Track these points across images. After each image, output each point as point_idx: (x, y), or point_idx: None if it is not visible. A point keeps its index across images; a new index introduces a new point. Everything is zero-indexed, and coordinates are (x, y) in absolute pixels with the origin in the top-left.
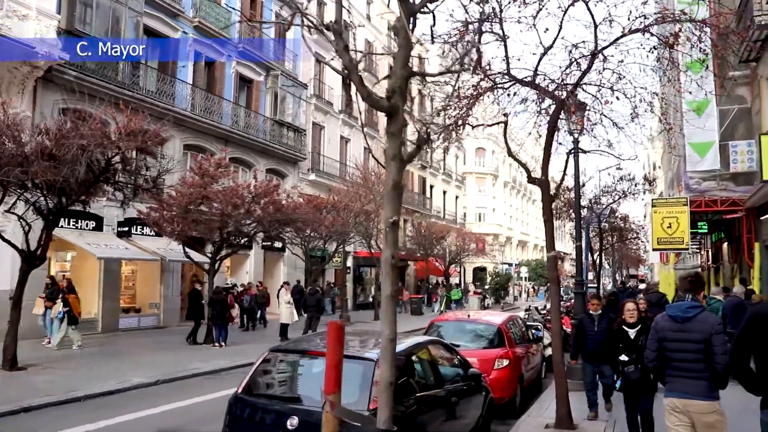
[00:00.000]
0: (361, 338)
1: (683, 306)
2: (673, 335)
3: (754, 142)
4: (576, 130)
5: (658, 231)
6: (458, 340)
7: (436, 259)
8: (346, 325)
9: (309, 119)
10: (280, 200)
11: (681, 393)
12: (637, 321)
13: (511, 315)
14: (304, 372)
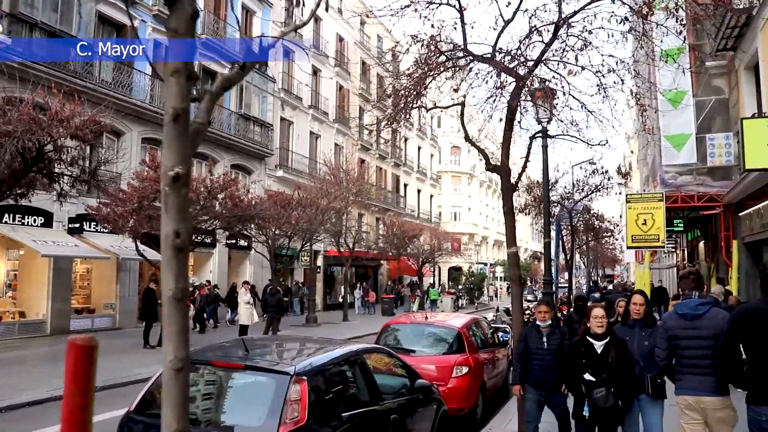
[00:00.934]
0: (286, 345)
1: (692, 303)
2: (684, 333)
3: (732, 134)
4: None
5: (632, 228)
6: (414, 344)
7: (409, 258)
8: (313, 326)
9: (277, 114)
10: (239, 195)
11: (693, 390)
12: (606, 331)
13: (474, 317)
14: (208, 387)
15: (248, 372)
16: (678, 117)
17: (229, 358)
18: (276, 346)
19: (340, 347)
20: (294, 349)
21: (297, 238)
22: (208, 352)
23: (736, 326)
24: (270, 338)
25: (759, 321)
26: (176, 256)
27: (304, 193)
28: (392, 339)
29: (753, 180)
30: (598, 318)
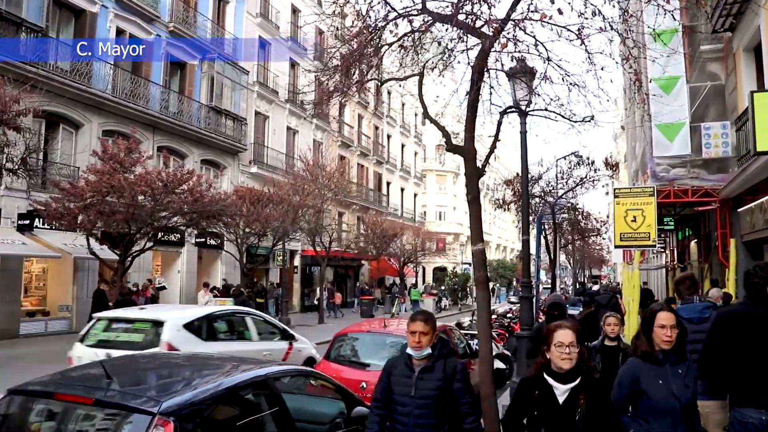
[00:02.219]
0: (168, 368)
1: (698, 307)
2: (690, 336)
3: (730, 123)
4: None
5: (620, 225)
6: (369, 357)
7: (390, 258)
8: None
9: (251, 108)
10: (201, 190)
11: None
12: (576, 368)
13: (440, 325)
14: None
15: (98, 408)
16: (670, 104)
17: (78, 389)
18: (152, 371)
19: (246, 371)
20: (175, 375)
21: (269, 237)
22: (55, 381)
23: (720, 329)
24: (153, 357)
25: (743, 323)
26: None
27: (276, 189)
28: (344, 350)
29: (755, 171)
30: (564, 347)
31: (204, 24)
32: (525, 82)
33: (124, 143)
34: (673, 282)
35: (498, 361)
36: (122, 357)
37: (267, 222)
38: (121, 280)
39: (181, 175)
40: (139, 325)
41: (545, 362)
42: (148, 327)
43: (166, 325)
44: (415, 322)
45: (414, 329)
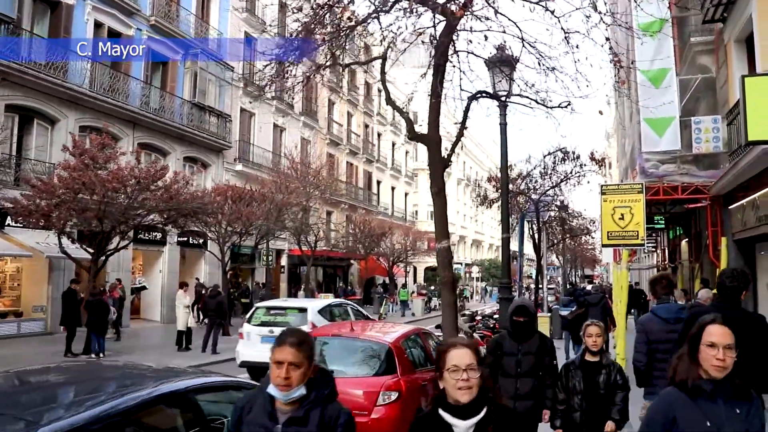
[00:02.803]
0: (49, 389)
1: (674, 308)
2: (665, 336)
3: (721, 117)
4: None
5: (608, 224)
6: (335, 363)
7: (379, 257)
8: None
9: (236, 104)
10: (178, 187)
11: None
12: (477, 398)
13: (415, 328)
14: None
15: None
16: (660, 98)
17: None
18: (43, 387)
19: (162, 384)
20: (69, 392)
21: (251, 236)
22: None
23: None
24: (38, 371)
25: None
26: None
27: (259, 186)
28: None
29: (746, 166)
30: (460, 371)
31: (187, 19)
32: (504, 72)
33: (97, 138)
34: (649, 282)
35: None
36: (20, 372)
37: (249, 220)
38: (94, 280)
39: (155, 172)
40: (290, 310)
41: (438, 394)
42: (297, 312)
43: (309, 310)
44: (282, 346)
45: (280, 358)
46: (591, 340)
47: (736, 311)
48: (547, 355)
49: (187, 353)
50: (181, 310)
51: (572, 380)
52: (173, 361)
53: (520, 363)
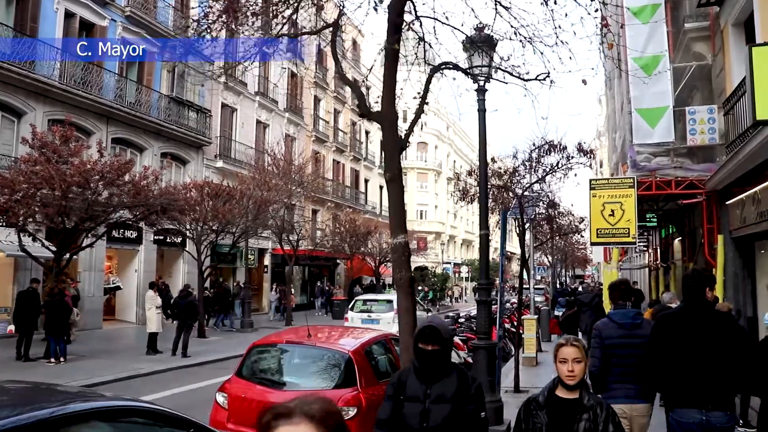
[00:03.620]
0: None
1: (630, 313)
2: (620, 341)
3: (717, 107)
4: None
5: (597, 220)
6: (287, 374)
7: (364, 257)
8: (248, 332)
9: (217, 99)
10: (148, 182)
11: (626, 399)
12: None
13: (382, 334)
14: None
15: None
16: (652, 87)
17: None
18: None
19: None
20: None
21: (228, 234)
22: None
23: (659, 332)
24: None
25: (680, 326)
26: None
27: (237, 183)
28: (259, 364)
29: (746, 157)
30: (568, 371)
31: (165, 10)
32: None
33: (61, 130)
34: (607, 288)
35: None
36: None
37: (225, 218)
38: (57, 280)
39: (119, 166)
40: (380, 302)
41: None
42: (385, 303)
43: (394, 301)
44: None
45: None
46: (565, 368)
47: (701, 310)
48: (471, 402)
49: (156, 357)
50: (152, 311)
51: (533, 428)
52: (138, 365)
53: (428, 414)
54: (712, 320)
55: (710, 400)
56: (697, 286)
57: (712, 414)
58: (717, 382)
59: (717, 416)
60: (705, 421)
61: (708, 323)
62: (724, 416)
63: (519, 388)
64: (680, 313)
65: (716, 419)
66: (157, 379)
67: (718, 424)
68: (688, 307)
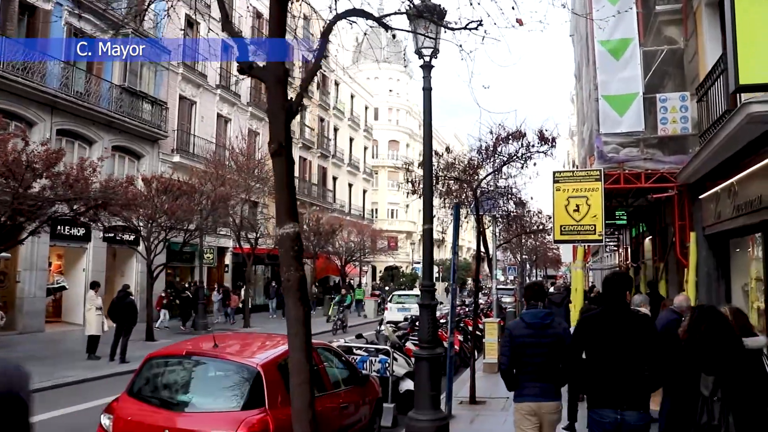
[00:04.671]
0: None
1: (540, 314)
2: (530, 341)
3: (689, 95)
4: None
5: (561, 216)
6: (184, 392)
7: (329, 256)
8: (201, 334)
9: (174, 92)
10: (86, 175)
11: (535, 397)
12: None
13: (317, 342)
14: None
15: None
16: (620, 72)
17: None
18: None
19: None
20: None
21: (180, 232)
22: None
23: (580, 334)
24: None
25: (600, 327)
26: None
27: (188, 177)
28: (154, 381)
29: (726, 140)
30: None
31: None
32: (433, 21)
33: None
34: (523, 288)
35: (410, 381)
36: None
37: (174, 214)
38: None
39: (47, 156)
40: (411, 296)
41: None
42: (414, 296)
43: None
44: None
45: None
46: None
47: (621, 311)
48: None
49: (93, 363)
50: (92, 312)
51: None
52: (68, 372)
53: None
54: (630, 323)
55: (625, 401)
56: (618, 288)
57: (626, 413)
58: (632, 383)
59: (630, 415)
60: (620, 420)
61: (626, 325)
62: (637, 415)
63: (475, 399)
64: (600, 315)
65: (630, 418)
66: (87, 388)
67: (632, 423)
68: (608, 309)
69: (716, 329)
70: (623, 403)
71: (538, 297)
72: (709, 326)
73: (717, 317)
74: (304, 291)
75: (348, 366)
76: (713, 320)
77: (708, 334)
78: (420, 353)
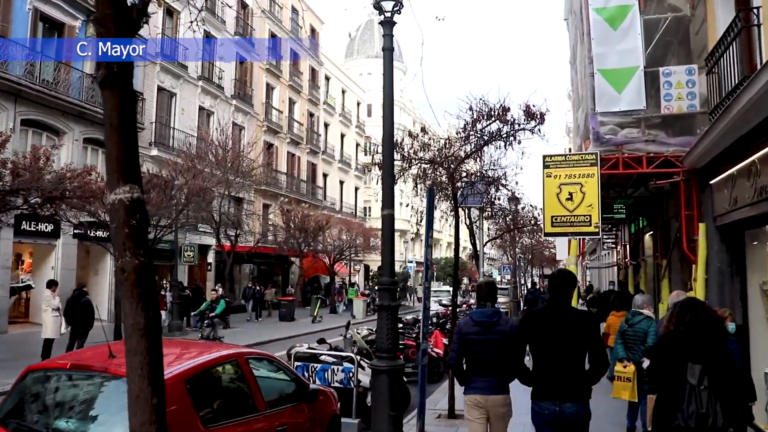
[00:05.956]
0: None
1: (487, 312)
2: (477, 338)
3: (697, 67)
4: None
5: (552, 206)
6: (62, 416)
7: (316, 254)
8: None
9: (152, 82)
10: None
11: (482, 390)
12: None
13: (228, 354)
14: None
15: None
16: (618, 43)
17: None
18: None
19: None
20: None
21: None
22: None
23: (523, 329)
24: None
25: (542, 323)
26: None
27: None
28: (30, 402)
29: (738, 116)
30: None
31: None
32: None
33: None
34: (475, 287)
35: None
36: None
37: None
38: None
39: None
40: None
41: None
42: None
43: None
44: None
45: None
46: None
47: (563, 308)
48: None
49: None
50: (48, 314)
51: None
52: (10, 380)
53: None
54: (572, 319)
55: (563, 393)
56: (563, 285)
57: (564, 405)
58: (571, 377)
59: (568, 407)
60: (558, 411)
61: (568, 321)
62: (574, 407)
63: (455, 412)
64: (543, 311)
65: (567, 409)
66: None
67: (569, 413)
68: (552, 305)
69: (701, 318)
70: (562, 395)
71: (488, 297)
72: (694, 316)
73: (701, 307)
74: (148, 287)
75: (293, 379)
76: (697, 310)
77: (694, 323)
78: (377, 365)
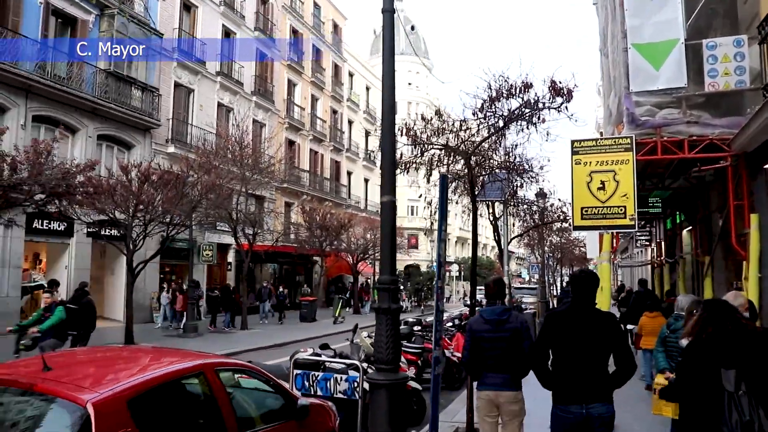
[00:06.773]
0: None
1: (497, 310)
2: (488, 335)
3: (747, 38)
4: None
5: (582, 196)
6: None
7: (339, 253)
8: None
9: (169, 78)
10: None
11: (494, 386)
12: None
13: (187, 366)
14: None
15: None
16: (656, 14)
17: None
18: None
19: None
20: None
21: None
22: None
23: (546, 331)
24: None
25: (566, 324)
26: None
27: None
28: None
29: None
30: None
31: None
32: None
33: None
34: (484, 285)
35: None
36: None
37: (150, 205)
38: None
39: None
40: None
41: None
42: None
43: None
44: None
45: None
46: None
47: (587, 308)
48: None
49: None
50: None
51: None
52: None
53: None
54: (595, 320)
55: (590, 395)
56: (587, 286)
57: (591, 406)
58: (597, 378)
59: (596, 408)
60: (585, 413)
61: (592, 323)
62: (602, 406)
63: (474, 426)
64: (567, 312)
65: (595, 410)
66: None
67: (597, 414)
68: (575, 306)
69: (727, 320)
70: (588, 397)
71: (497, 296)
72: (722, 319)
73: (728, 308)
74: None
75: (280, 393)
76: (726, 312)
77: (723, 326)
78: (375, 378)
